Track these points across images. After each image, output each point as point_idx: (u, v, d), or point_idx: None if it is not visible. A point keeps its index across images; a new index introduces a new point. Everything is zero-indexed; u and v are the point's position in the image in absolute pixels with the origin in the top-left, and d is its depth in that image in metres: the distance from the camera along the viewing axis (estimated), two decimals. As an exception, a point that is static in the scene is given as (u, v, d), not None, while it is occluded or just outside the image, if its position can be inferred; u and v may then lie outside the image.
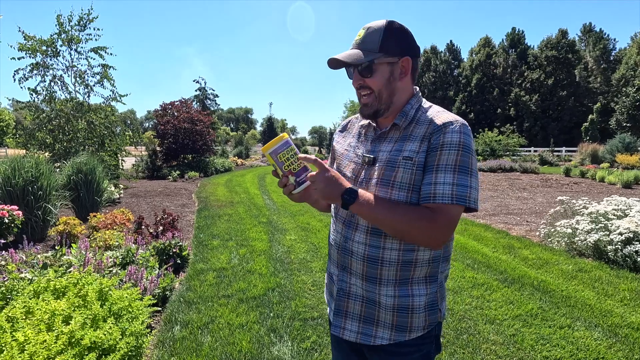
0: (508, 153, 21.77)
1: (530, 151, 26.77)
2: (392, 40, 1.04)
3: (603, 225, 4.28)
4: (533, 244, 4.87)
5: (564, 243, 4.61)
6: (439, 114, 1.06)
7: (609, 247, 4.00)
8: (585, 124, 28.92)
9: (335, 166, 1.25)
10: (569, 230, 4.51)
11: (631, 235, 3.91)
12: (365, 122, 1.20)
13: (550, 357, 2.39)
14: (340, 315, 1.16)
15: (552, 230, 4.88)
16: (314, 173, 1.04)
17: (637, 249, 3.79)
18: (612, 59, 39.24)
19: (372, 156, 1.10)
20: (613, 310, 3.00)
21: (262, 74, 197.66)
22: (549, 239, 4.92)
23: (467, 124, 1.04)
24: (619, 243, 3.93)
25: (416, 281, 1.07)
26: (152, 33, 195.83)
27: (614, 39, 40.13)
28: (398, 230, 1.00)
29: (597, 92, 38.32)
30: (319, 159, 1.04)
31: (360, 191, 1.02)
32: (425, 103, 1.13)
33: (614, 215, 4.39)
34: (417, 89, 1.15)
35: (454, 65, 46.83)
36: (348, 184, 1.03)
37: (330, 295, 1.25)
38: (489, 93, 42.34)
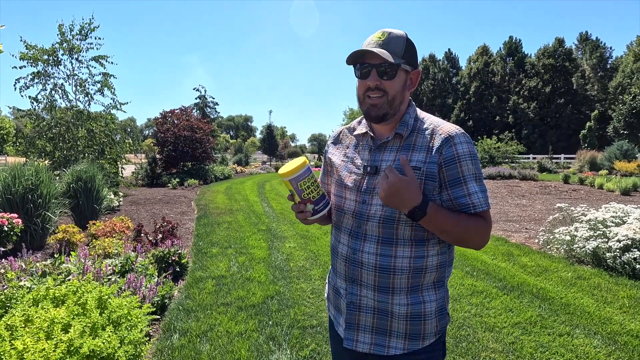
0: (507, 160, 21.82)
1: (529, 158, 26.85)
2: (410, 51, 1.08)
3: (602, 232, 4.29)
4: (532, 251, 4.87)
5: (562, 250, 4.62)
6: (439, 125, 1.10)
7: (607, 254, 4.00)
8: (583, 131, 29.08)
9: (334, 178, 1.24)
10: (568, 238, 4.52)
11: (629, 242, 3.92)
12: (361, 132, 1.20)
13: (549, 365, 2.39)
14: (352, 328, 1.15)
15: (551, 237, 4.89)
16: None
17: (635, 256, 3.80)
18: (608, 67, 39.59)
19: (375, 165, 1.11)
20: (612, 318, 3.00)
21: (261, 82, 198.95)
22: (548, 246, 4.93)
23: (464, 131, 1.10)
24: (618, 250, 3.94)
25: (426, 287, 1.10)
26: (153, 42, 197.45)
27: (611, 48, 40.43)
28: (461, 239, 1.05)
29: (595, 100, 38.58)
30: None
31: (430, 203, 1.01)
32: (420, 112, 1.16)
33: (613, 222, 4.40)
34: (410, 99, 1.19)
35: (452, 73, 47.20)
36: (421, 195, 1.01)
37: (336, 310, 1.23)
38: (487, 101, 42.61)
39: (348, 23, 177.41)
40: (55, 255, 3.66)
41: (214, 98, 28.10)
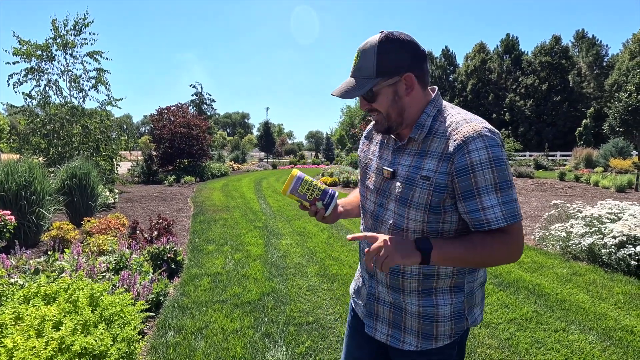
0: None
1: (525, 156, 26.96)
2: (388, 60, 0.97)
3: (597, 228, 4.30)
4: (528, 248, 4.89)
5: (558, 247, 4.63)
6: (458, 126, 0.97)
7: (603, 251, 4.01)
8: (579, 128, 29.23)
9: (360, 175, 1.25)
10: (564, 234, 4.54)
11: (624, 239, 3.93)
12: None
13: (545, 361, 2.39)
14: (372, 317, 1.20)
15: (547, 234, 4.90)
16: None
17: (630, 252, 3.81)
18: (604, 64, 39.75)
19: (391, 170, 1.08)
20: (607, 314, 3.01)
21: (259, 79, 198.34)
22: (544, 243, 4.94)
23: (489, 131, 0.95)
24: (613, 246, 3.95)
25: (440, 291, 1.07)
26: (150, 38, 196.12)
27: (607, 45, 40.61)
28: (481, 263, 0.99)
29: (591, 98, 38.76)
30: (368, 234, 0.97)
31: (433, 241, 0.95)
32: (445, 110, 1.05)
33: (608, 218, 4.41)
34: (434, 91, 1.08)
35: (450, 70, 47.25)
36: (410, 239, 0.97)
37: (357, 294, 1.28)
38: (484, 98, 42.71)
39: (346, 21, 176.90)
40: (49, 253, 3.62)
41: (210, 95, 27.94)
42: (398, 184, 1.05)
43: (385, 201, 1.09)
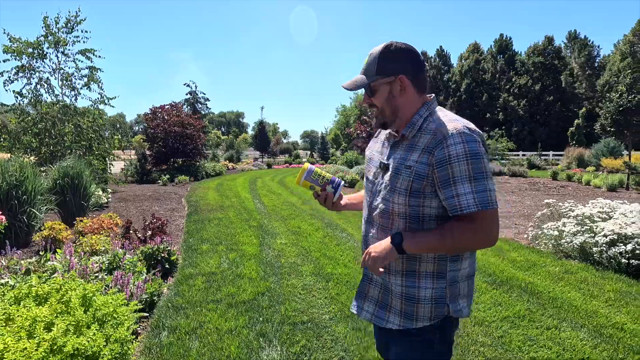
0: (497, 157, 22.07)
1: (518, 155, 27.19)
2: (387, 63, 1.16)
3: (588, 227, 4.35)
4: (521, 247, 4.93)
5: (551, 245, 4.68)
6: (442, 125, 1.12)
7: (594, 249, 4.07)
8: (571, 128, 29.53)
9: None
10: (556, 233, 4.58)
11: (615, 237, 3.98)
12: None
13: (537, 358, 2.42)
14: (361, 297, 1.33)
15: (540, 232, 4.95)
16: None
17: (621, 250, 3.87)
18: (596, 65, 40.18)
19: (386, 162, 1.23)
20: (598, 311, 3.05)
21: (254, 78, 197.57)
22: (537, 242, 4.99)
23: (468, 129, 1.09)
24: (604, 245, 4.00)
25: (424, 275, 1.18)
26: (145, 37, 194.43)
27: (598, 46, 41.12)
28: (453, 249, 1.13)
29: (583, 98, 39.16)
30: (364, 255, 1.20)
31: (404, 233, 1.13)
32: (436, 112, 1.19)
33: (599, 217, 4.47)
34: (431, 97, 1.23)
35: (444, 70, 47.44)
36: (387, 238, 1.15)
37: None
38: (478, 98, 42.96)
39: (343, 21, 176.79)
40: (41, 253, 3.58)
41: (205, 94, 27.80)
42: (388, 174, 1.19)
43: (378, 190, 1.24)
